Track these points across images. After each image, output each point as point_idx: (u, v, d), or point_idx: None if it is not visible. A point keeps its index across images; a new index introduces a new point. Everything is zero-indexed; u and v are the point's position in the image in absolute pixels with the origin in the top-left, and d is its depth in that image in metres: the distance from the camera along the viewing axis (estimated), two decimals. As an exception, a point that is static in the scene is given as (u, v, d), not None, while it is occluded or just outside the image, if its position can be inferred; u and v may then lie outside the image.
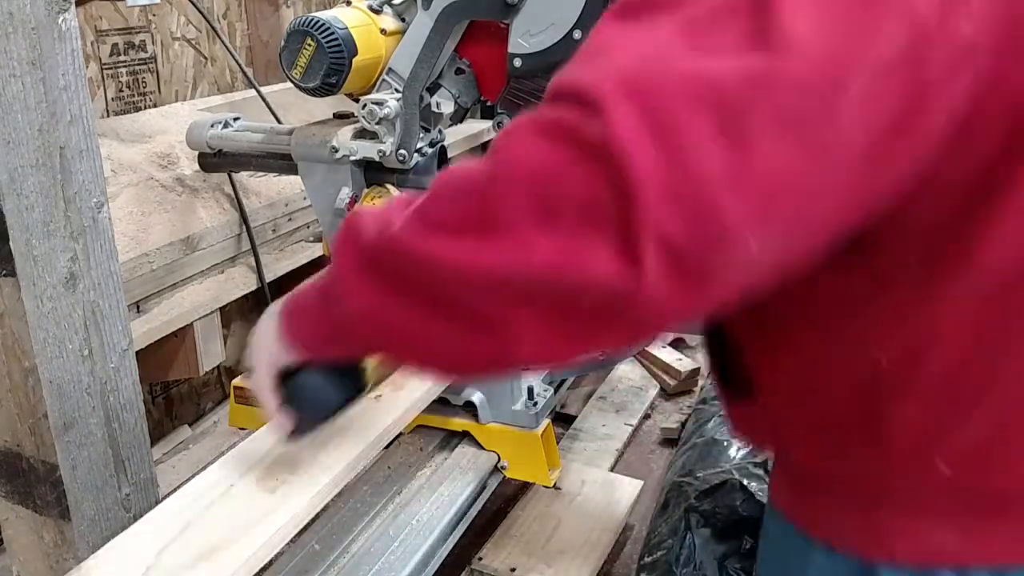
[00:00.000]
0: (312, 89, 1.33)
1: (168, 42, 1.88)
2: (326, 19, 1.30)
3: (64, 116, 0.76)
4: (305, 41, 1.29)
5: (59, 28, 0.75)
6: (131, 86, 1.79)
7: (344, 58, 1.30)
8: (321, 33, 1.29)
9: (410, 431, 1.28)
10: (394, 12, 1.40)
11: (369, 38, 1.35)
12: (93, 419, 0.83)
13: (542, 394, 1.24)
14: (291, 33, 1.31)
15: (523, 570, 1.27)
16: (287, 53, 1.31)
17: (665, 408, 1.80)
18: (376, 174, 1.46)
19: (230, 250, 1.67)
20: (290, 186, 1.83)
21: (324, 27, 1.29)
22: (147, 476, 0.91)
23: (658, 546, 1.19)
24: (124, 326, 0.86)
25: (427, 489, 1.17)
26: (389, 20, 1.39)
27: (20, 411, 0.80)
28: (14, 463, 0.83)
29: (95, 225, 0.81)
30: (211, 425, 1.85)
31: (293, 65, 1.31)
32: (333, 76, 1.31)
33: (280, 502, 0.77)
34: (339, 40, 1.29)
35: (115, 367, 0.85)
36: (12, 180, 0.72)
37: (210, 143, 1.59)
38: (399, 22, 1.40)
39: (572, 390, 1.75)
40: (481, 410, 1.22)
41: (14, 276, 0.74)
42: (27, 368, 0.77)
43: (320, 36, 1.29)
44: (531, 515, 1.40)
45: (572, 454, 1.60)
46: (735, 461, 1.28)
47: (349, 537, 1.07)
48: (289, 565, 1.02)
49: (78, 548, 0.83)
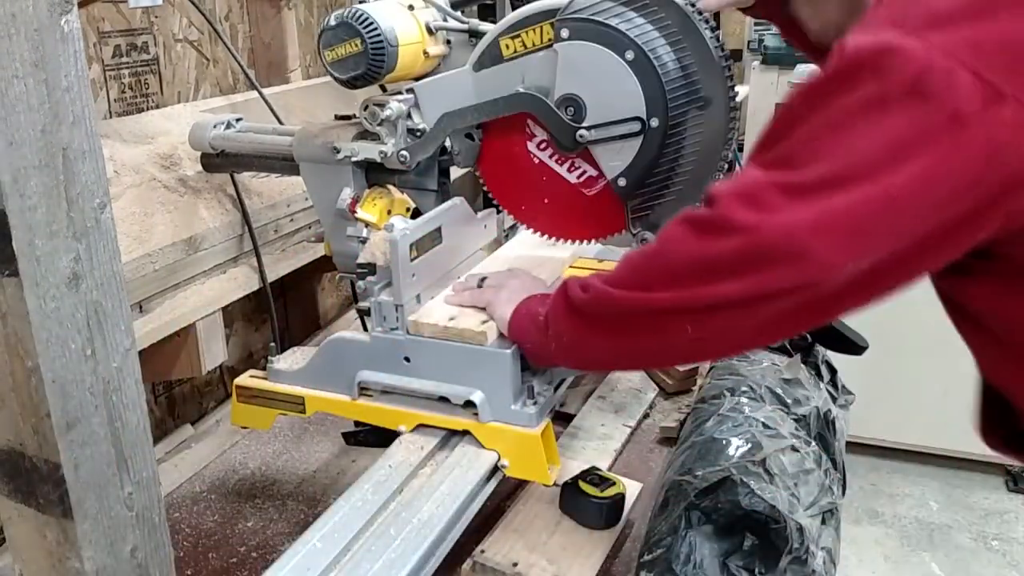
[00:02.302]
0: (334, 76, 1.32)
1: (170, 44, 1.88)
2: (384, 30, 1.27)
3: (67, 117, 0.77)
4: (353, 39, 1.27)
5: (62, 30, 0.75)
6: (133, 87, 1.80)
7: (381, 73, 1.30)
8: (372, 41, 1.26)
9: (411, 430, 1.29)
10: (443, 38, 1.39)
11: (411, 58, 1.34)
12: (96, 418, 0.84)
13: (542, 393, 1.25)
14: (344, 23, 1.27)
15: (525, 566, 1.28)
16: (331, 35, 1.28)
17: (664, 407, 1.81)
18: (377, 175, 1.46)
19: (232, 250, 1.68)
20: (292, 187, 1.83)
21: (378, 39, 1.26)
22: (149, 475, 0.91)
23: (658, 544, 1.20)
24: (127, 326, 0.86)
25: (428, 487, 1.18)
26: (436, 45, 1.38)
27: (23, 410, 0.80)
28: (17, 462, 0.83)
29: (98, 226, 0.81)
30: (213, 424, 1.86)
31: (331, 49, 1.29)
32: (361, 81, 1.31)
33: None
34: (384, 57, 1.28)
35: (118, 367, 0.86)
36: (15, 181, 0.73)
37: (212, 144, 1.60)
38: (444, 47, 1.39)
39: (572, 389, 1.76)
40: (481, 409, 1.23)
41: (17, 276, 0.74)
42: (30, 367, 0.78)
43: (370, 44, 1.26)
44: (532, 512, 1.41)
45: (571, 452, 1.60)
46: (734, 459, 1.28)
47: (350, 535, 1.08)
48: (291, 563, 1.03)
49: (80, 547, 0.84)
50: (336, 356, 1.34)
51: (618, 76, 1.20)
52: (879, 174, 0.79)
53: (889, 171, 0.79)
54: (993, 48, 0.78)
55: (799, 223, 0.82)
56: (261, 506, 1.54)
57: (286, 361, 1.41)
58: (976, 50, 0.77)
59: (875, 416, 3.19)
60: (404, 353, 1.28)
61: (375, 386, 1.31)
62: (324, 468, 1.66)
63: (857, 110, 0.81)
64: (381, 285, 1.30)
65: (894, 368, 3.06)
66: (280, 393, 1.38)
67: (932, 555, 3.11)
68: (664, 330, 0.96)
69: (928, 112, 0.78)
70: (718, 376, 1.60)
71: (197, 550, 1.41)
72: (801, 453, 1.35)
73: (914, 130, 0.78)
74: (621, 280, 1.00)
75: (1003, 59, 0.77)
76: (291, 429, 1.78)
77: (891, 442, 3.48)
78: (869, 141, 0.80)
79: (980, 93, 0.76)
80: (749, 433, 1.35)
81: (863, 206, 0.80)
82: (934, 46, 0.77)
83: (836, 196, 0.81)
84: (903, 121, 0.79)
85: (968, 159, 0.78)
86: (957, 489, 3.42)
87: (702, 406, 1.52)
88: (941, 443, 3.34)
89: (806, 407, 1.53)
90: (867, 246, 0.82)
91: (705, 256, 0.89)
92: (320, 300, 2.41)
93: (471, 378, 1.24)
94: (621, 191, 1.27)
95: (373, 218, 1.42)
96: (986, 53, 0.77)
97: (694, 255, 0.90)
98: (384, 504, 1.15)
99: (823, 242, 0.81)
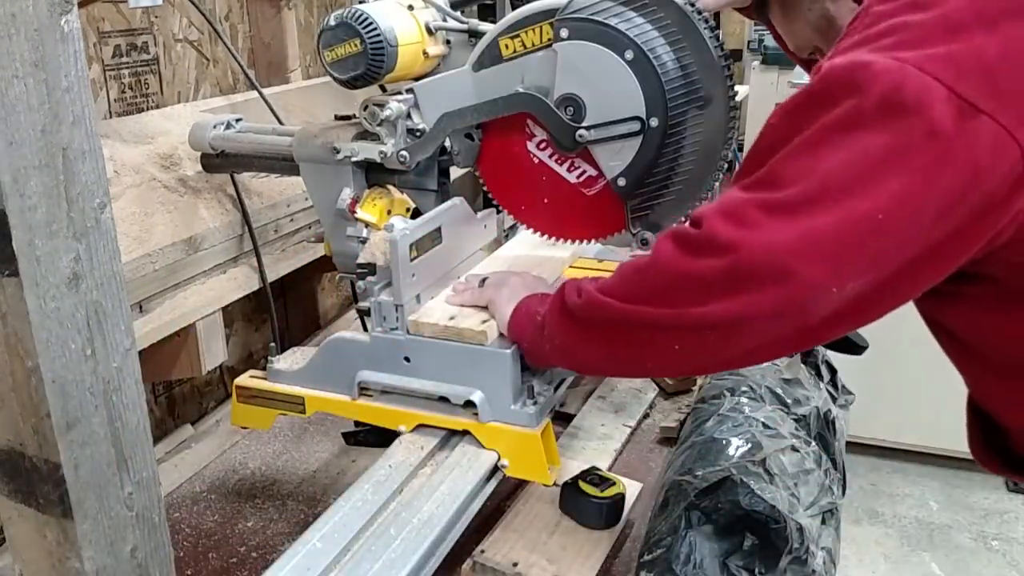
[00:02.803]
0: (334, 76, 1.32)
1: (170, 44, 1.88)
2: (383, 30, 1.26)
3: (67, 117, 0.77)
4: (353, 39, 1.27)
5: (62, 30, 0.75)
6: (133, 87, 1.80)
7: (380, 73, 1.29)
8: (371, 42, 1.26)
9: (411, 430, 1.29)
10: (443, 38, 1.39)
11: (410, 57, 1.33)
12: (96, 418, 0.84)
13: (542, 393, 1.25)
14: (343, 23, 1.27)
15: (525, 566, 1.28)
16: (331, 36, 1.28)
17: (664, 407, 1.81)
18: (377, 175, 1.46)
19: (232, 250, 1.68)
20: (292, 187, 1.83)
21: (377, 38, 1.26)
22: (149, 475, 0.91)
23: (658, 544, 1.20)
24: (127, 326, 0.86)
25: (428, 487, 1.18)
26: (436, 45, 1.38)
27: (23, 410, 0.80)
28: (17, 462, 0.83)
29: (98, 226, 0.81)
30: (213, 424, 1.86)
31: (330, 49, 1.29)
32: (360, 81, 1.31)
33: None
34: (383, 56, 1.27)
35: (118, 367, 0.86)
36: (15, 181, 0.73)
37: (212, 144, 1.60)
38: (443, 47, 1.39)
39: (572, 389, 1.75)
40: (481, 409, 1.23)
41: (17, 276, 0.74)
42: (30, 367, 0.78)
43: (369, 45, 1.26)
44: (532, 512, 1.41)
45: (571, 452, 1.60)
46: (734, 459, 1.28)
47: (350, 535, 1.08)
48: (291, 563, 1.03)
49: (80, 547, 0.84)
50: (336, 356, 1.34)
51: (618, 76, 1.20)
52: (859, 192, 0.78)
53: (869, 188, 0.78)
54: (969, 66, 0.76)
55: (781, 242, 0.81)
56: (261, 506, 1.54)
57: (286, 361, 1.41)
58: (951, 67, 0.76)
59: (875, 416, 3.19)
60: (404, 353, 1.28)
61: (375, 386, 1.31)
62: (324, 468, 1.66)
63: (834, 128, 0.80)
64: (381, 285, 1.30)
65: (894, 368, 3.06)
66: (280, 393, 1.38)
67: (932, 555, 3.11)
68: (653, 343, 0.96)
69: (904, 128, 0.76)
70: (718, 376, 1.60)
71: (197, 550, 1.41)
72: (801, 453, 1.35)
73: (891, 146, 0.77)
74: (614, 289, 1.00)
75: (980, 77, 0.76)
76: (291, 429, 1.78)
77: (891, 442, 3.48)
78: (846, 159, 0.79)
79: (955, 109, 0.75)
80: (749, 433, 1.35)
81: (845, 225, 0.79)
82: (908, 62, 0.77)
83: (818, 215, 0.80)
84: (879, 137, 0.78)
85: (949, 176, 0.76)
86: (957, 489, 3.42)
87: (702, 406, 1.52)
88: (941, 443, 3.34)
89: (806, 407, 1.53)
90: (852, 266, 0.81)
91: (692, 274, 0.89)
92: (320, 300, 2.41)
93: (471, 378, 1.24)
94: (621, 191, 1.27)
95: (373, 218, 1.42)
96: (962, 70, 0.76)
97: (682, 272, 0.90)
98: (384, 504, 1.15)
99: (806, 261, 0.80)
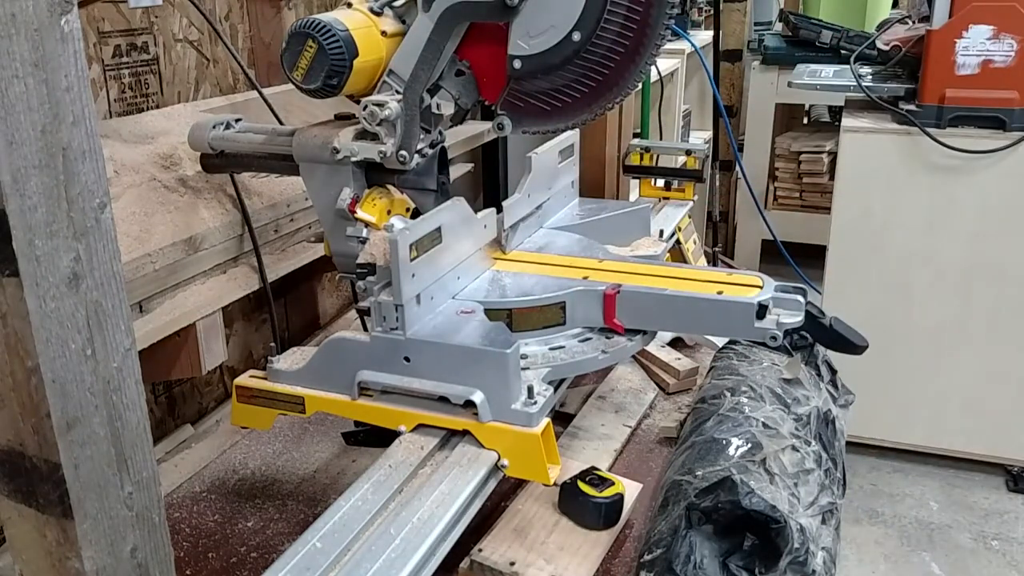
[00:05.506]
0: (313, 91, 1.33)
1: (170, 44, 1.88)
2: (327, 21, 1.30)
3: (67, 117, 0.77)
4: (306, 43, 1.30)
5: (62, 30, 0.75)
6: (133, 87, 1.80)
7: (345, 60, 1.31)
8: (322, 35, 1.29)
9: (411, 429, 1.29)
10: (395, 14, 1.40)
11: (370, 40, 1.36)
12: (96, 418, 0.84)
13: (542, 393, 1.25)
14: (292, 35, 1.31)
15: (522, 565, 1.28)
16: (288, 55, 1.32)
17: (664, 407, 1.81)
18: (377, 175, 1.47)
19: (232, 250, 1.68)
20: (292, 187, 1.83)
21: (325, 29, 1.29)
22: (149, 475, 0.91)
23: (658, 543, 1.20)
24: (127, 326, 0.86)
25: (427, 487, 1.18)
26: (390, 22, 1.39)
27: (23, 410, 0.80)
28: (17, 462, 0.83)
29: (98, 225, 0.81)
30: (213, 424, 1.86)
31: (295, 67, 1.32)
32: (334, 78, 1.32)
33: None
34: (340, 42, 1.30)
35: (118, 367, 0.86)
36: (15, 181, 0.73)
37: (212, 144, 1.60)
38: (400, 24, 1.41)
39: (572, 389, 1.76)
40: (481, 409, 1.23)
41: (17, 276, 0.74)
42: (30, 367, 0.78)
43: (321, 38, 1.29)
44: (531, 511, 1.41)
45: (571, 452, 1.60)
46: (734, 459, 1.28)
47: (350, 535, 1.08)
48: (291, 563, 1.03)
49: (80, 547, 0.84)
50: (336, 356, 1.34)
51: None
52: None
53: None
54: None
55: None
56: (261, 506, 1.54)
57: (286, 361, 1.41)
58: None
59: (875, 416, 3.19)
60: (404, 353, 1.28)
61: (375, 386, 1.31)
62: (324, 468, 1.66)
63: None
64: (381, 285, 1.31)
65: (894, 368, 3.06)
66: (280, 393, 1.38)
67: (932, 555, 3.11)
68: None
69: None
70: (718, 376, 1.60)
71: (197, 550, 1.42)
72: (801, 453, 1.35)
73: None
74: None
75: None
76: (291, 429, 1.78)
77: (891, 442, 3.48)
78: None
79: None
80: (749, 433, 1.35)
81: None
82: None
83: None
84: None
85: None
86: (957, 489, 3.42)
87: (702, 406, 1.52)
88: (941, 443, 3.33)
89: (806, 407, 1.53)
90: None
91: None
92: (320, 300, 2.41)
93: (471, 378, 1.24)
94: (511, 71, 1.28)
95: (373, 218, 1.42)
96: None
97: None
98: (384, 504, 1.15)
99: None
